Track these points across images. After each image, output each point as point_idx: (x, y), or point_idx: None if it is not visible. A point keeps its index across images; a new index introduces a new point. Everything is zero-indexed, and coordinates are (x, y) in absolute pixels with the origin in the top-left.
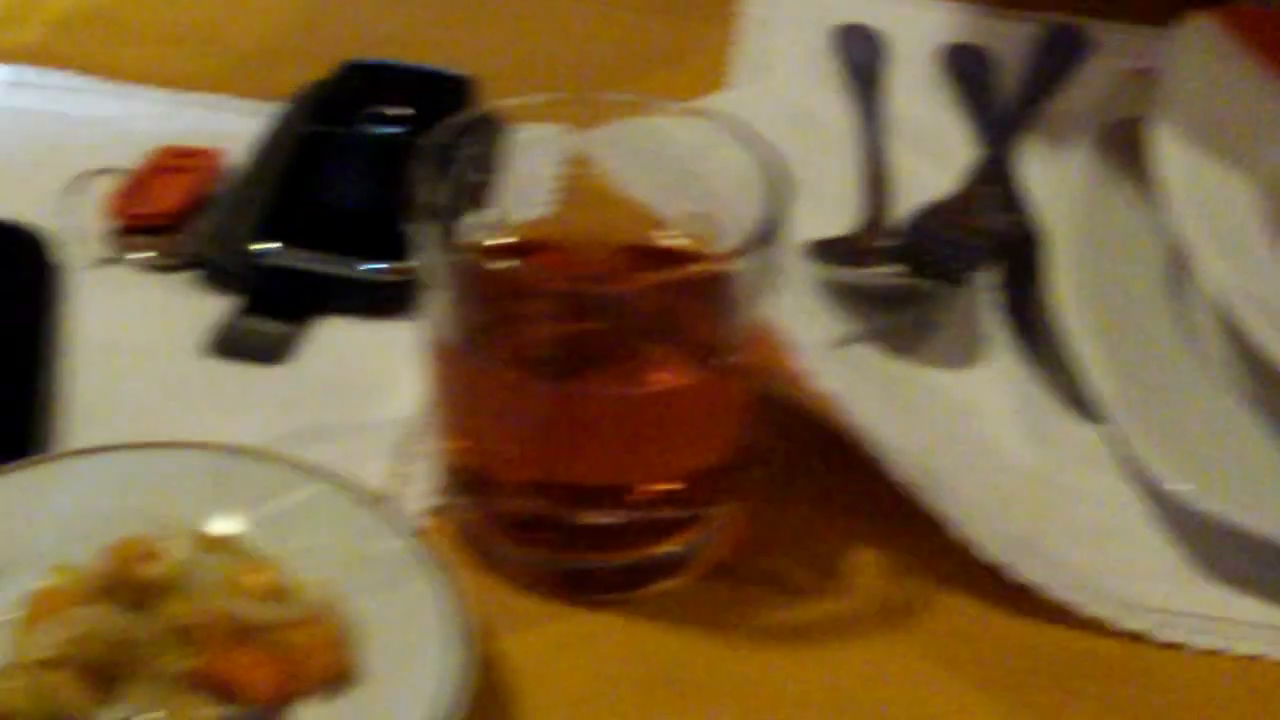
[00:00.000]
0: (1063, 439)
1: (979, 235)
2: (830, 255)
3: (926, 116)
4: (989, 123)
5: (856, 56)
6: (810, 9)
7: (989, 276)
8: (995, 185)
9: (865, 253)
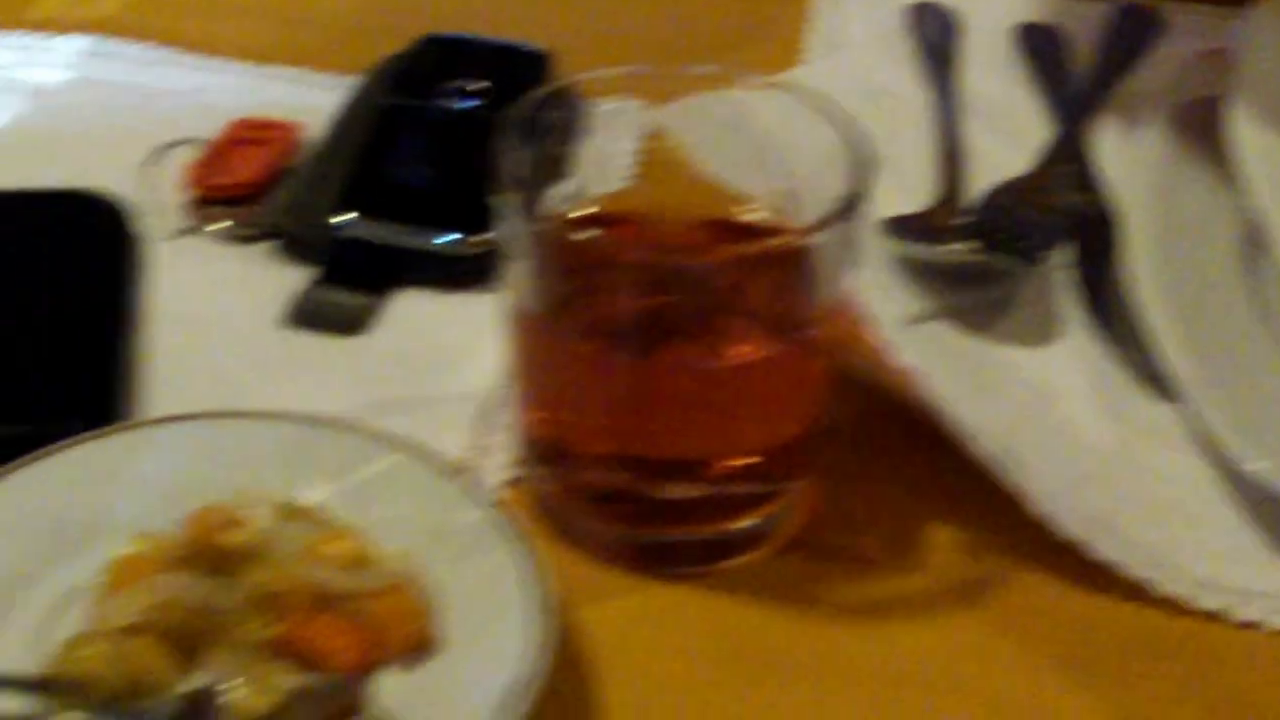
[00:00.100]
0: (1137, 417)
1: (1053, 213)
2: (905, 232)
3: (1000, 95)
4: (1062, 102)
5: (930, 35)
6: None
7: (1063, 255)
8: (1069, 164)
9: (940, 230)
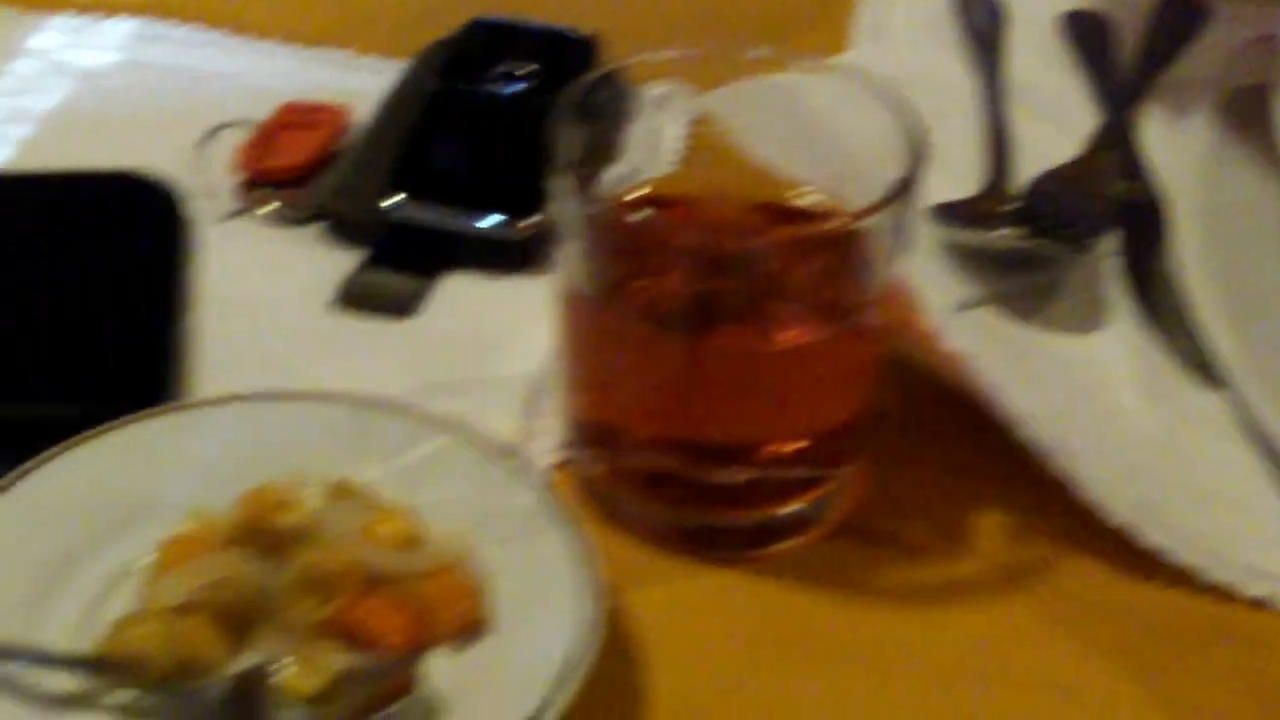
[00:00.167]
0: (1185, 405)
1: (1100, 200)
2: (952, 218)
3: (1047, 82)
4: (1109, 89)
5: (977, 22)
6: None
7: (1110, 242)
8: (1116, 151)
9: (987, 216)
